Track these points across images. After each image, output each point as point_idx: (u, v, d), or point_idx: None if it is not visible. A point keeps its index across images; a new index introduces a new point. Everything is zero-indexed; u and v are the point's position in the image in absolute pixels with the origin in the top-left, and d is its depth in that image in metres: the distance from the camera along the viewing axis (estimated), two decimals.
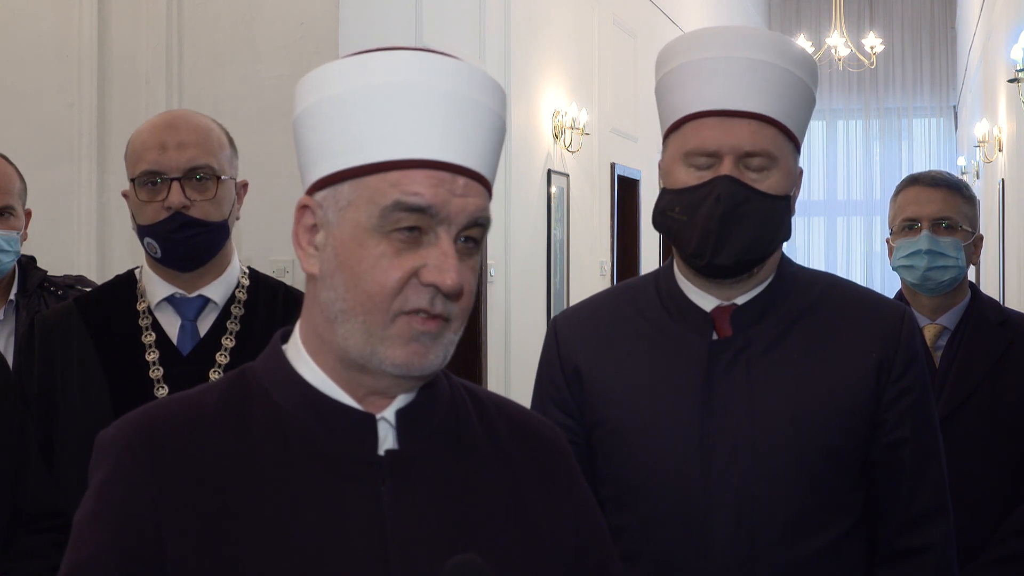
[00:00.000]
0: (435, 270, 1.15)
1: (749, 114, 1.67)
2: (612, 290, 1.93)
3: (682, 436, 1.71)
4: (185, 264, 2.10)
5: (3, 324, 2.75)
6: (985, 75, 10.86)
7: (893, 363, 1.74)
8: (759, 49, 1.69)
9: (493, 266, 6.35)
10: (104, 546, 1.14)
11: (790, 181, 1.74)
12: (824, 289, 1.81)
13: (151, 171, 2.08)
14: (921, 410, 1.77)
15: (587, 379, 1.79)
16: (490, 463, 1.26)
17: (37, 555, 1.98)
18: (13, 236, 2.70)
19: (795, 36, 15.05)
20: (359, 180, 1.17)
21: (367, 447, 1.20)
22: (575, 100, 7.57)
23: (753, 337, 1.74)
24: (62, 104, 4.40)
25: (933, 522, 1.77)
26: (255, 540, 1.15)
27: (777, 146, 1.70)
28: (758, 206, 1.68)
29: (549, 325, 1.89)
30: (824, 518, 1.71)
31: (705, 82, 1.69)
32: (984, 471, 2.48)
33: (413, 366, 1.17)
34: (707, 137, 1.68)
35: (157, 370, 2.07)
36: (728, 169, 1.67)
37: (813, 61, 1.76)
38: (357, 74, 1.18)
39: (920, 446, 1.77)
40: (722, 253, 1.69)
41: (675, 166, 1.73)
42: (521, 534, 1.24)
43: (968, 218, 2.63)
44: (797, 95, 1.72)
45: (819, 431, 1.70)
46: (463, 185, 1.17)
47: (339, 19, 4.35)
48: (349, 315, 1.17)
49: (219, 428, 1.20)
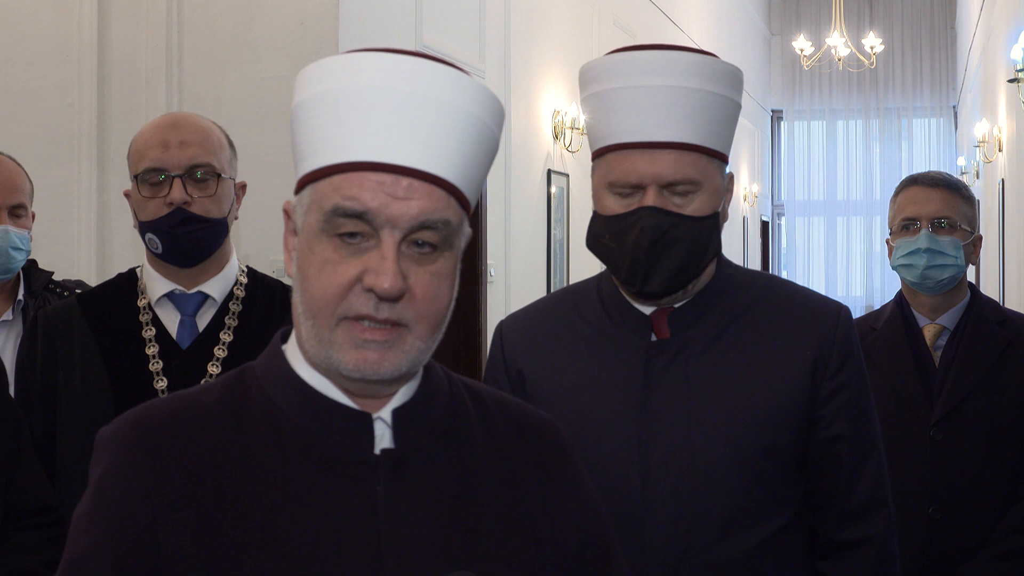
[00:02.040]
0: (372, 274, 1.14)
1: (670, 144, 1.69)
2: (556, 294, 1.97)
3: (621, 436, 1.75)
4: (185, 259, 2.15)
5: (11, 325, 2.77)
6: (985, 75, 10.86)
7: (829, 360, 1.77)
8: (677, 75, 1.69)
9: (493, 266, 6.36)
10: (100, 542, 1.15)
11: (717, 198, 1.75)
12: (761, 289, 1.84)
13: (154, 168, 2.13)
14: (857, 405, 1.80)
15: (530, 382, 1.83)
16: (488, 461, 1.26)
17: (31, 551, 2.00)
18: (25, 234, 2.75)
19: (795, 36, 15.05)
20: (314, 185, 1.18)
21: (363, 446, 1.20)
22: (575, 100, 7.57)
23: (691, 338, 1.77)
24: (62, 104, 4.40)
25: (872, 515, 1.80)
26: (251, 538, 1.15)
27: (700, 170, 1.71)
28: (685, 231, 1.71)
29: (495, 329, 1.93)
30: (761, 513, 1.74)
31: (625, 112, 1.70)
32: (983, 470, 2.50)
33: (367, 371, 1.17)
34: (629, 169, 1.70)
35: (157, 363, 2.12)
36: (651, 199, 1.70)
37: (733, 69, 1.76)
38: (317, 79, 1.19)
39: (856, 441, 1.80)
40: (652, 281, 1.72)
41: (602, 193, 1.76)
42: (519, 531, 1.24)
43: (967, 218, 2.63)
44: (719, 112, 1.73)
45: (756, 429, 1.73)
46: (406, 187, 1.15)
47: (339, 19, 4.36)
48: (305, 318, 1.18)
49: (217, 426, 1.20)
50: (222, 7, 4.43)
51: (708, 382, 1.75)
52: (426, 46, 5.20)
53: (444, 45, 5.44)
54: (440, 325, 1.20)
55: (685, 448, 1.73)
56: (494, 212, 6.33)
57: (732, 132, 1.79)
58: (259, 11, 4.41)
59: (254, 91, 4.33)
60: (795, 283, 1.92)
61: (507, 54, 6.51)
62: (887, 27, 15.88)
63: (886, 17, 16.02)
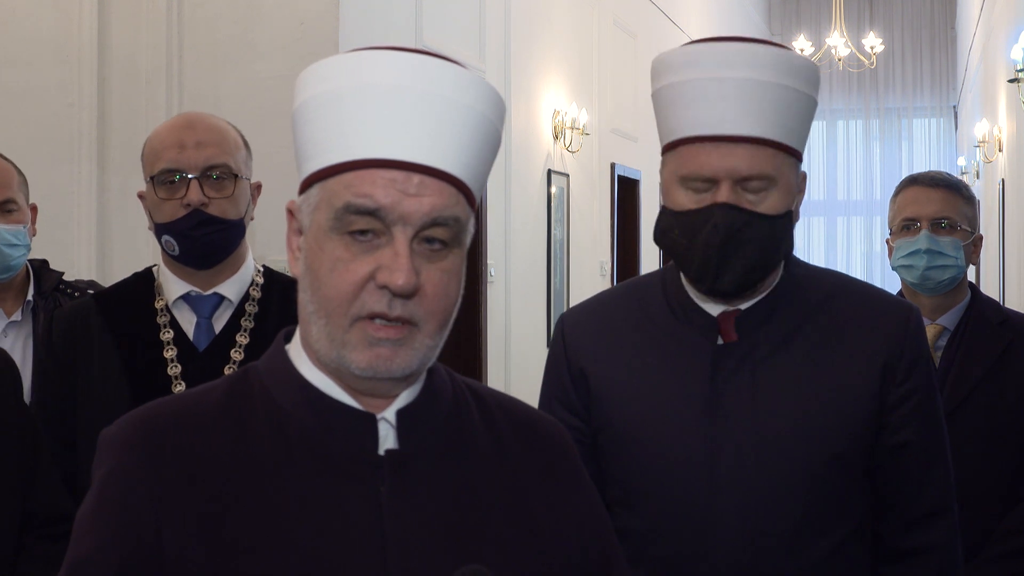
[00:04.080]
0: (386, 271, 1.14)
1: (746, 138, 1.65)
2: (619, 289, 1.92)
3: (688, 440, 1.71)
4: (203, 261, 2.14)
5: (20, 326, 2.73)
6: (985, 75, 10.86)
7: (898, 365, 1.74)
8: (753, 67, 1.64)
9: (493, 266, 6.35)
10: (104, 543, 1.15)
11: (790, 196, 1.72)
12: (830, 289, 1.80)
13: (170, 169, 2.11)
14: (926, 411, 1.76)
15: (593, 381, 1.79)
16: (492, 462, 1.26)
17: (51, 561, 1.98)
18: (19, 230, 2.67)
19: (795, 36, 15.05)
20: (323, 183, 1.18)
21: (367, 446, 1.20)
22: (575, 100, 7.57)
23: (758, 341, 1.73)
24: (62, 104, 4.40)
25: (937, 522, 1.77)
26: (254, 538, 1.15)
27: (775, 166, 1.67)
28: (758, 230, 1.67)
29: (556, 324, 1.89)
30: (827, 523, 1.71)
31: (699, 105, 1.66)
32: (984, 470, 2.49)
33: (379, 369, 1.16)
34: (703, 163, 1.66)
35: (175, 367, 2.11)
36: (725, 195, 1.65)
37: (811, 64, 1.73)
38: (323, 78, 1.19)
39: (925, 447, 1.76)
40: (723, 279, 1.68)
41: (673, 187, 1.72)
42: (522, 533, 1.24)
43: (967, 218, 2.63)
44: (796, 108, 1.69)
45: (823, 436, 1.70)
46: (417, 184, 1.15)
47: (339, 19, 4.35)
48: (316, 317, 1.18)
49: (220, 427, 1.20)
50: (222, 7, 4.43)
51: (775, 388, 1.71)
52: (426, 46, 5.20)
53: (444, 45, 5.44)
54: (448, 323, 1.20)
55: (752, 455, 1.69)
56: (494, 212, 6.33)
57: (807, 129, 1.74)
58: (259, 11, 4.40)
59: (254, 91, 4.33)
60: (864, 281, 1.88)
61: (507, 54, 6.51)
62: (887, 27, 15.87)
63: (886, 17, 16.01)
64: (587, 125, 7.57)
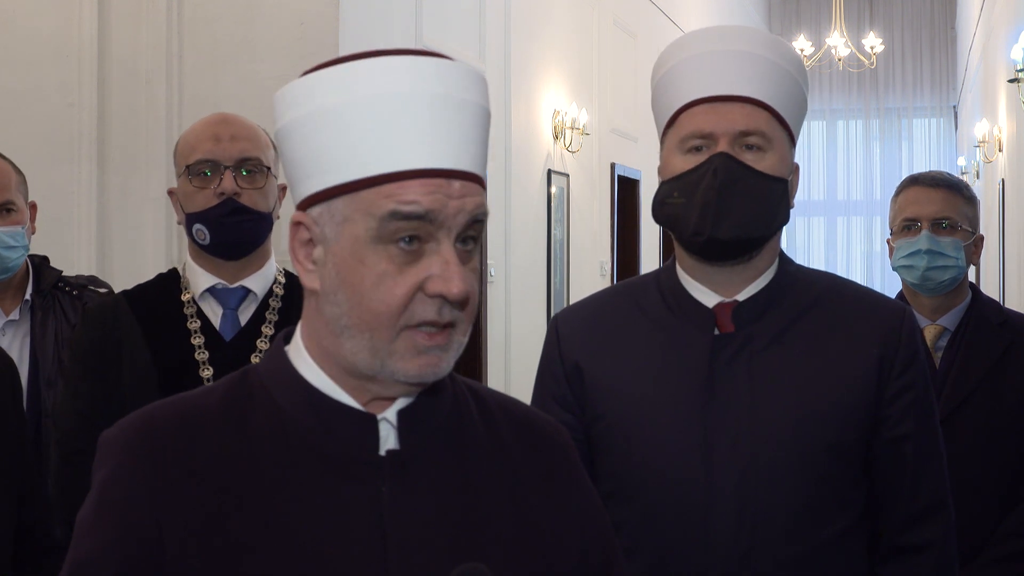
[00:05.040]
0: (440, 280, 1.14)
1: (742, 98, 1.71)
2: (612, 288, 1.94)
3: (683, 430, 1.72)
4: (232, 251, 2.21)
5: (19, 324, 2.73)
6: (985, 75, 10.86)
7: (895, 360, 1.75)
8: (752, 44, 1.74)
9: (493, 266, 6.36)
10: (104, 545, 1.14)
11: (786, 167, 1.76)
12: (825, 287, 1.82)
13: (205, 159, 2.19)
14: (922, 407, 1.78)
15: (588, 375, 1.80)
16: (492, 463, 1.26)
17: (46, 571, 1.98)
18: (18, 231, 2.66)
19: (795, 36, 15.05)
20: (354, 195, 1.16)
21: (368, 447, 1.20)
22: (575, 100, 7.57)
23: (755, 333, 1.75)
24: (62, 104, 4.39)
25: (934, 519, 1.78)
26: (255, 540, 1.15)
27: (771, 128, 1.73)
28: (755, 184, 1.71)
29: (550, 322, 1.90)
30: (826, 513, 1.72)
31: (698, 74, 1.73)
32: (984, 471, 2.49)
33: (427, 376, 1.17)
34: (701, 121, 1.72)
35: (203, 353, 2.17)
36: (724, 147, 1.71)
37: (804, 65, 1.80)
38: (341, 85, 1.17)
39: (921, 443, 1.77)
40: (722, 226, 1.70)
41: (671, 157, 1.76)
42: (523, 534, 1.24)
43: (968, 218, 2.63)
44: (788, 88, 1.75)
45: (821, 426, 1.71)
46: (459, 188, 1.16)
47: (339, 19, 4.35)
48: (355, 331, 1.16)
49: (220, 428, 1.20)
50: (222, 7, 4.43)
51: (772, 378, 1.72)
52: (426, 46, 5.20)
53: (444, 45, 5.44)
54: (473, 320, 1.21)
55: (749, 445, 1.70)
56: (494, 212, 6.32)
57: (799, 119, 1.80)
58: (259, 11, 4.40)
59: (254, 91, 4.33)
60: (858, 283, 1.91)
61: (507, 54, 6.51)
62: (887, 27, 15.88)
63: (886, 17, 16.02)
64: (587, 125, 7.57)
